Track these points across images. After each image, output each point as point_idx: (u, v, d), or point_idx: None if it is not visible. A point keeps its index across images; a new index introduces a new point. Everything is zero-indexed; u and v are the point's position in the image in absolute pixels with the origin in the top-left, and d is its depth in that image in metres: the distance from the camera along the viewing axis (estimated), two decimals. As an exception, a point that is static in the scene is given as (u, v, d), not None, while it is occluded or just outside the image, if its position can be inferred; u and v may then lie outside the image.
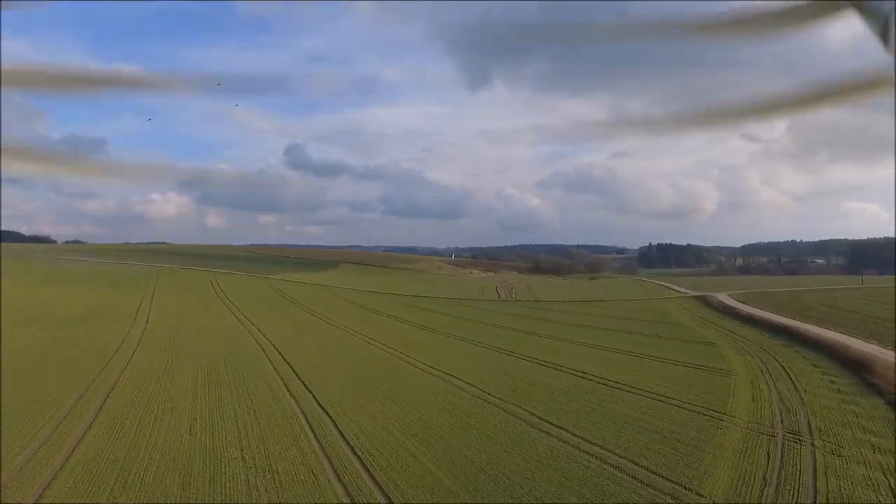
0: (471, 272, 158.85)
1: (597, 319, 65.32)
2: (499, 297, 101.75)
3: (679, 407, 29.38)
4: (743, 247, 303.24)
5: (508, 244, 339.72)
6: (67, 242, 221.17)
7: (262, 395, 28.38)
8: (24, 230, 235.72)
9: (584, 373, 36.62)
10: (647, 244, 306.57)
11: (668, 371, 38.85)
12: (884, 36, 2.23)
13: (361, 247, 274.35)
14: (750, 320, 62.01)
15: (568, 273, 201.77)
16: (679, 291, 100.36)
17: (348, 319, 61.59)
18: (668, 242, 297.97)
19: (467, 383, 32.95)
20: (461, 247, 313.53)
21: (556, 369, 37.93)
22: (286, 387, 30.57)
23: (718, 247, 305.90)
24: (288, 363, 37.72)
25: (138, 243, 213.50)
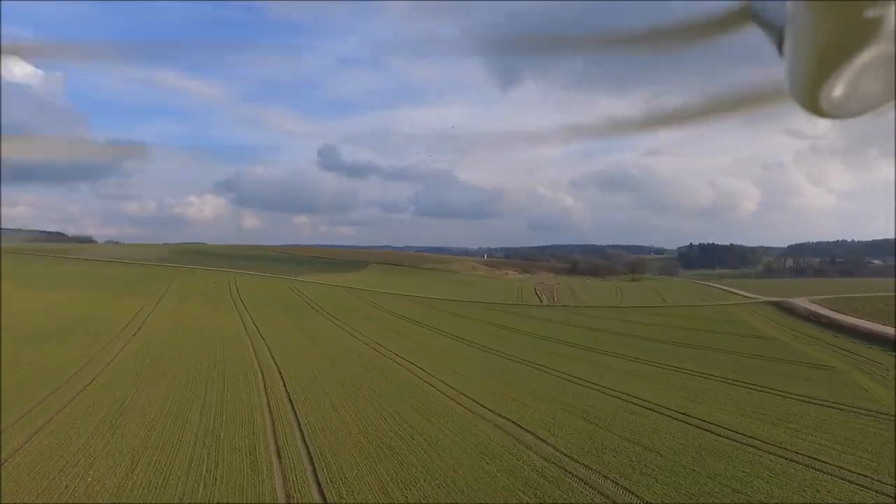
0: (506, 273, 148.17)
1: (667, 331, 54.09)
2: (540, 301, 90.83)
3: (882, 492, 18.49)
4: (789, 247, 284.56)
5: (541, 244, 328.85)
6: (107, 243, 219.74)
7: (238, 463, 18.75)
8: (72, 231, 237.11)
9: (709, 423, 25.41)
10: (688, 244, 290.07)
11: (812, 416, 27.40)
12: (779, 46, 2.15)
13: (392, 247, 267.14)
14: (859, 334, 49.93)
15: (607, 274, 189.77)
16: (745, 296, 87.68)
17: (371, 328, 52.10)
18: (711, 242, 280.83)
19: (538, 437, 22.58)
20: (493, 247, 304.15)
21: (653, 410, 27.33)
22: (275, 442, 20.94)
23: (763, 247, 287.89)
24: (287, 392, 28.22)
25: (178, 243, 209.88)
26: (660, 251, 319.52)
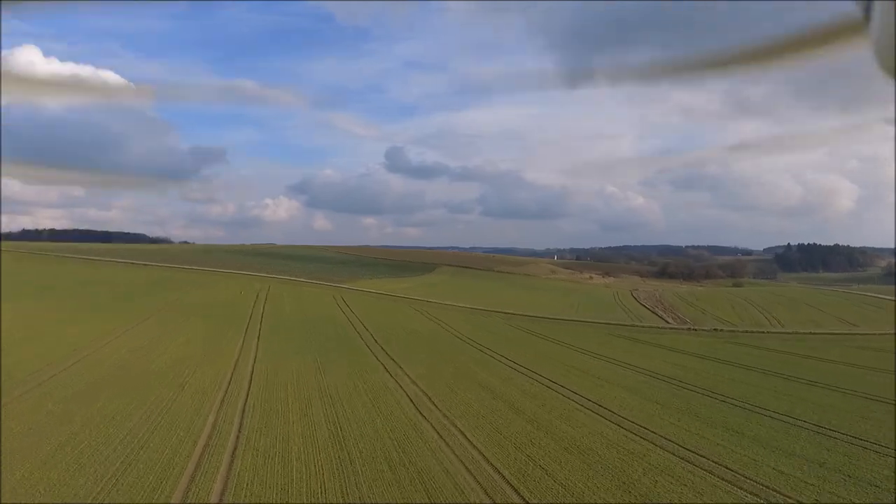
0: (590, 277, 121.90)
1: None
2: (667, 322, 64.54)
3: None
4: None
5: (612, 244, 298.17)
6: (181, 244, 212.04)
7: None
8: (160, 233, 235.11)
9: None
10: (785, 244, 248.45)
11: None
12: (866, 15, 1.87)
13: (458, 248, 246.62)
14: None
15: (702, 278, 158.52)
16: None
17: (439, 376, 29.64)
18: (812, 242, 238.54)
19: None
20: (562, 248, 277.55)
21: None
22: None
23: (871, 247, 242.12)
24: None
25: (252, 244, 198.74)
26: (746, 252, 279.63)
